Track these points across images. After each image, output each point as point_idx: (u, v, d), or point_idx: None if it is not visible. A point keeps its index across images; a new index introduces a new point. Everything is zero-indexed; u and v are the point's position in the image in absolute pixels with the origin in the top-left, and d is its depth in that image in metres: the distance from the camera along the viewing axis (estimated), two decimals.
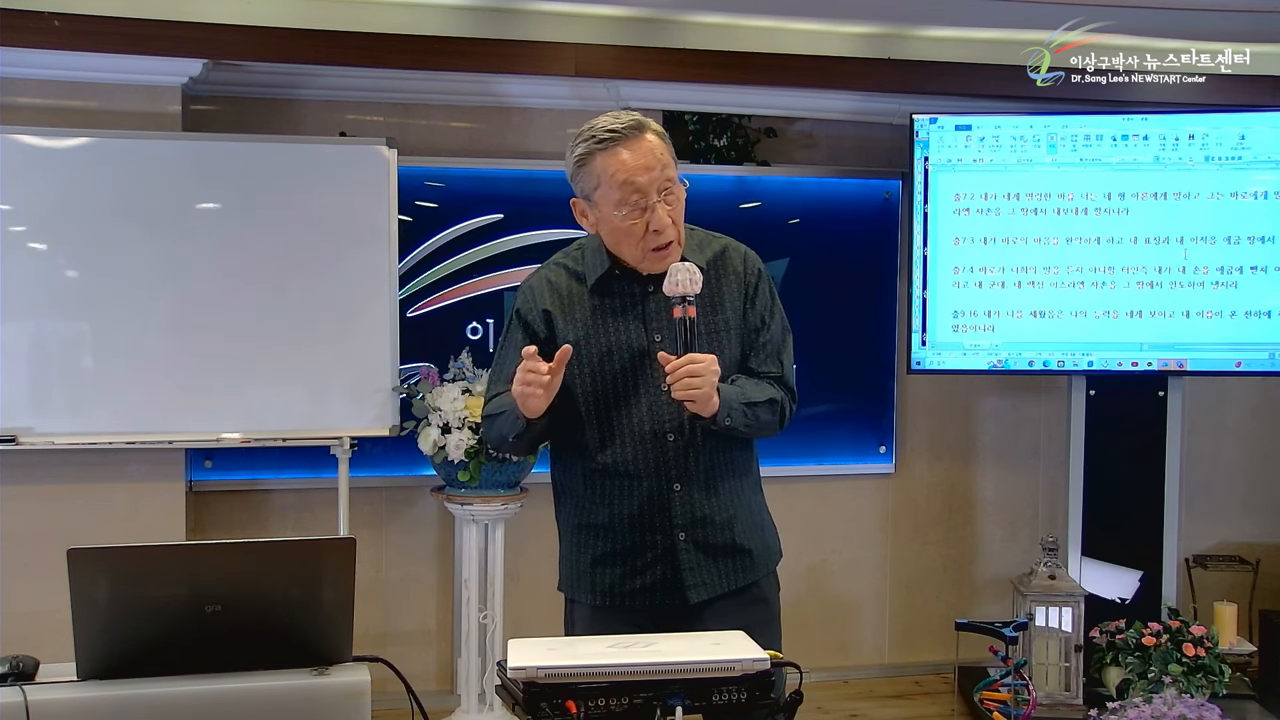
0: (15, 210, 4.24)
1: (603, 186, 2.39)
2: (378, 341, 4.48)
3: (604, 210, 2.41)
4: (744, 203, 5.14)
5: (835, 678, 5.20)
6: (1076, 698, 4.54)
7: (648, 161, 2.37)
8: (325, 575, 2.09)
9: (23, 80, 4.37)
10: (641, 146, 2.38)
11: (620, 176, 2.36)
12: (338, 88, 4.79)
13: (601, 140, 2.37)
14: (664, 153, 2.40)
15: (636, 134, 2.38)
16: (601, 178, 2.38)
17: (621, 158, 2.36)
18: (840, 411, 5.28)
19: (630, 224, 2.38)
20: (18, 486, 4.32)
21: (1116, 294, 4.75)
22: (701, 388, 2.30)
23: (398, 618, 4.85)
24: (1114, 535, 4.87)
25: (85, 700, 1.96)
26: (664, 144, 2.41)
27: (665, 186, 2.39)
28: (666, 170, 2.39)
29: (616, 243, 2.44)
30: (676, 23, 4.67)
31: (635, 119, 2.40)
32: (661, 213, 2.38)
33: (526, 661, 1.87)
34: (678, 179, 2.42)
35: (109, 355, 4.31)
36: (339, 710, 2.03)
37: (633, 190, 2.36)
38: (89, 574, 1.97)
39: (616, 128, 2.38)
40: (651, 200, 2.37)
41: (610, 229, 2.43)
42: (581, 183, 2.43)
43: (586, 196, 2.44)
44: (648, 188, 2.37)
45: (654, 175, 2.37)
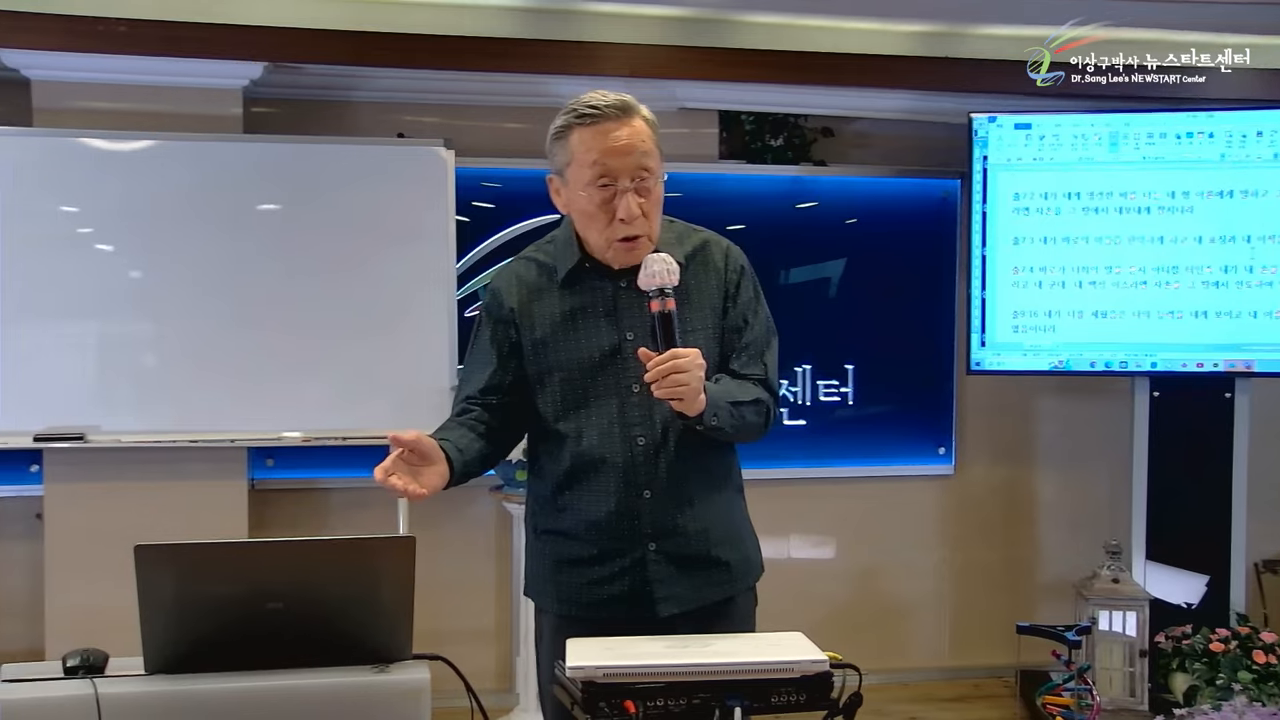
0: (83, 212, 4.32)
1: (574, 164, 2.26)
2: (436, 341, 4.51)
3: (573, 189, 2.28)
4: (800, 203, 5.11)
5: (893, 680, 5.16)
6: (1141, 703, 4.47)
7: (626, 145, 2.23)
8: (385, 573, 2.10)
9: (90, 84, 4.44)
10: (623, 129, 2.24)
11: (593, 155, 2.22)
12: (394, 89, 4.83)
13: (582, 115, 2.24)
14: (646, 140, 2.25)
15: (620, 115, 2.24)
16: (575, 154, 2.25)
17: (597, 136, 2.23)
18: (898, 413, 5.24)
19: (596, 207, 2.25)
20: (86, 484, 4.40)
21: (1180, 294, 4.68)
22: (688, 384, 2.12)
23: (456, 616, 4.87)
24: (1179, 539, 4.79)
25: (153, 694, 1.99)
26: (650, 131, 2.27)
27: (640, 175, 2.24)
28: (645, 159, 2.25)
29: (584, 227, 2.31)
30: (732, 22, 4.66)
31: (624, 100, 2.27)
32: (631, 201, 2.23)
33: (585, 661, 1.86)
34: (658, 172, 2.28)
35: (172, 355, 4.37)
36: (400, 708, 2.04)
37: (603, 171, 2.23)
38: (155, 570, 2.00)
39: (600, 104, 2.24)
40: (622, 185, 2.23)
41: (578, 211, 2.30)
42: (556, 157, 2.30)
43: (559, 172, 2.31)
44: (619, 171, 2.22)
45: (628, 160, 2.23)
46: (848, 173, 5.18)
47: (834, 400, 5.17)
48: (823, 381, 5.15)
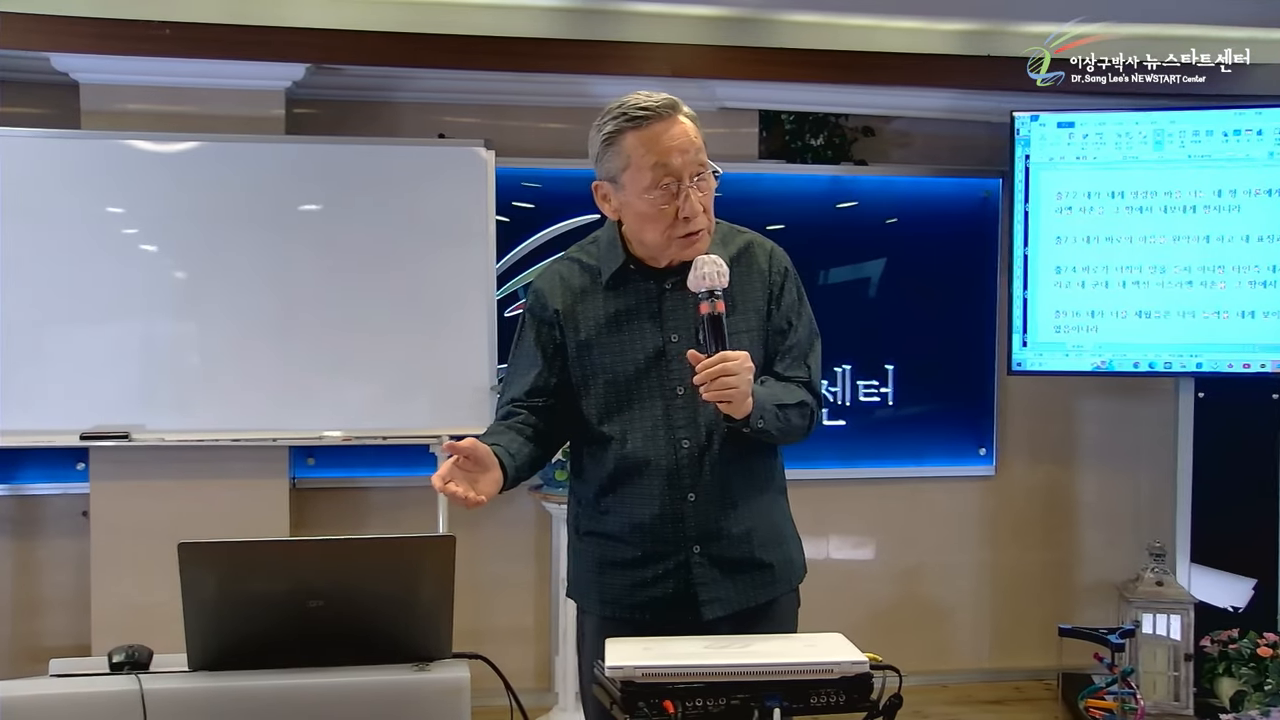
0: (128, 213, 4.37)
1: (632, 168, 2.23)
2: (476, 341, 4.53)
3: (631, 194, 2.25)
4: (840, 202, 5.09)
5: (933, 682, 5.13)
6: (1186, 708, 4.42)
7: (682, 143, 2.22)
8: (426, 572, 2.10)
9: (135, 87, 4.50)
10: (676, 127, 2.22)
11: (652, 157, 2.20)
12: (434, 90, 4.86)
13: (634, 118, 2.22)
14: (697, 135, 2.25)
15: (671, 113, 2.23)
16: (632, 158, 2.22)
17: (655, 137, 2.21)
18: (938, 413, 5.21)
19: (660, 209, 2.23)
20: (130, 482, 4.45)
21: (1227, 294, 4.62)
22: (738, 386, 2.12)
23: (495, 615, 4.89)
24: (1225, 541, 4.74)
25: (196, 691, 2.00)
26: (697, 127, 2.26)
27: (698, 171, 2.23)
28: (700, 154, 2.24)
29: (640, 229, 2.28)
30: (771, 22, 4.65)
31: (669, 98, 2.25)
32: (694, 198, 2.22)
33: (624, 660, 1.87)
34: (709, 165, 2.27)
35: (215, 354, 4.42)
36: (440, 706, 2.04)
37: (665, 173, 2.21)
38: (199, 567, 2.01)
39: (651, 105, 2.22)
40: (684, 184, 2.22)
41: (635, 214, 2.27)
42: (608, 163, 2.26)
43: (612, 179, 2.27)
44: (681, 170, 2.21)
45: (688, 158, 2.22)
46: (888, 172, 5.15)
47: (874, 400, 5.14)
48: (863, 382, 5.12)
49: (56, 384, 4.31)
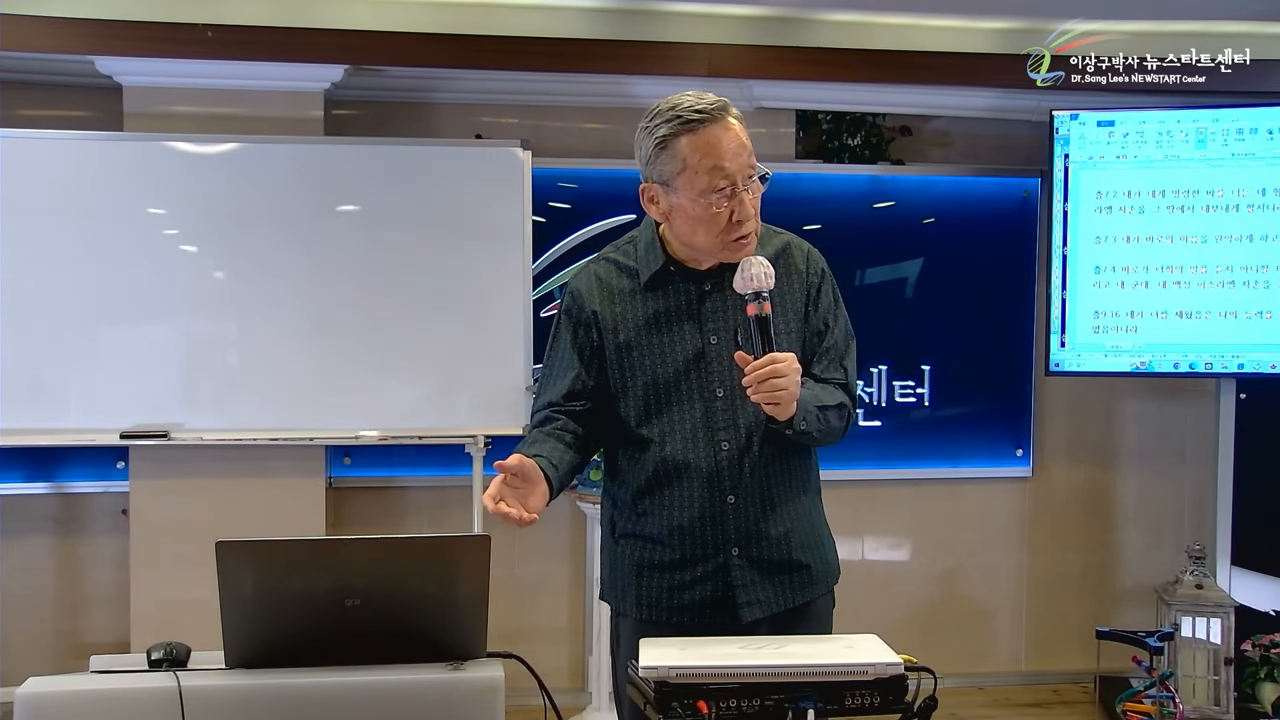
0: (169, 214, 4.41)
1: (688, 171, 2.20)
2: (512, 341, 4.55)
3: (684, 197, 2.22)
4: (878, 202, 5.07)
5: (970, 684, 5.10)
6: (1227, 713, 4.38)
7: (736, 147, 2.20)
8: (461, 571, 2.11)
9: (177, 89, 4.54)
10: (728, 130, 2.20)
11: (710, 161, 2.18)
12: (472, 90, 4.88)
13: (689, 121, 2.19)
14: (748, 138, 2.23)
15: (723, 115, 2.21)
16: (688, 162, 2.19)
17: (712, 142, 2.18)
18: (975, 413, 5.18)
19: (715, 213, 2.20)
20: (169, 480, 4.49)
21: (1270, 294, 4.56)
22: (786, 388, 2.12)
23: (530, 615, 4.90)
24: (1266, 544, 4.69)
25: (234, 688, 2.02)
26: (745, 129, 2.24)
27: (750, 174, 2.22)
28: (751, 157, 2.23)
29: (691, 232, 2.26)
30: (809, 21, 4.63)
31: (720, 100, 2.23)
32: (748, 202, 2.21)
33: (658, 661, 1.86)
34: (759, 169, 2.26)
35: (253, 354, 4.45)
36: (474, 705, 2.05)
37: (722, 176, 2.19)
38: (236, 565, 2.03)
39: (704, 108, 2.19)
40: (739, 188, 2.20)
41: (687, 217, 2.24)
42: (660, 166, 2.23)
43: (665, 182, 2.24)
44: (736, 175, 2.19)
45: (742, 161, 2.20)
46: (926, 172, 5.13)
47: (910, 401, 5.12)
48: (899, 382, 5.10)
49: (97, 383, 4.36)
